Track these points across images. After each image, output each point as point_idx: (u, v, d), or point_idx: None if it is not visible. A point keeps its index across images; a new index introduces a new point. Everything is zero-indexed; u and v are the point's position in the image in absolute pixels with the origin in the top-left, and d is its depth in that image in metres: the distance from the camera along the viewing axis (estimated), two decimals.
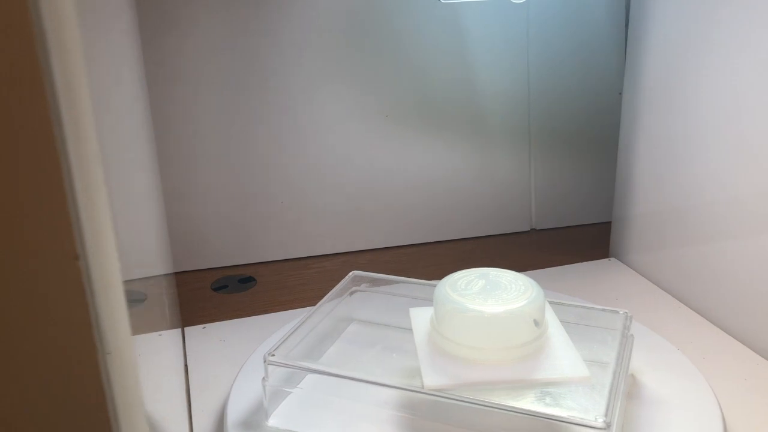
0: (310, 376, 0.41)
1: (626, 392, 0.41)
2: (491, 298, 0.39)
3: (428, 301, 0.43)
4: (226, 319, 0.57)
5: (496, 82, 0.70)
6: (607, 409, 0.34)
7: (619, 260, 0.67)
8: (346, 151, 0.68)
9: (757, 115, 0.49)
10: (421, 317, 0.42)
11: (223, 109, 0.63)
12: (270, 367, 0.39)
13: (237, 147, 0.65)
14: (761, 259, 0.50)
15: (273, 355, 0.39)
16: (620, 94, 0.67)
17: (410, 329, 0.42)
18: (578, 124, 0.74)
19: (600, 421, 0.33)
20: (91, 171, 0.16)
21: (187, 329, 0.55)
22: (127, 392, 0.17)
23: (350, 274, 0.50)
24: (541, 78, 0.71)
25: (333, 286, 0.48)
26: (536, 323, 0.38)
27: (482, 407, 0.35)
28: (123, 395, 0.17)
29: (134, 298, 0.53)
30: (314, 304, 0.46)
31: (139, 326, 0.53)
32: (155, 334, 0.54)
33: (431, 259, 0.70)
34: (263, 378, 0.40)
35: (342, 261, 0.68)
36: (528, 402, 0.36)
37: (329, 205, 0.68)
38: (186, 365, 0.51)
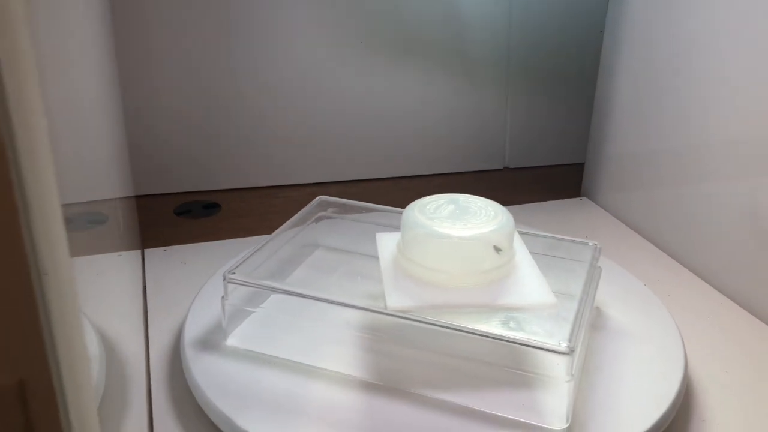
0: (272, 297, 0.40)
1: (591, 323, 0.41)
2: (459, 222, 0.38)
3: (396, 228, 0.42)
4: (189, 243, 0.55)
5: (476, 14, 0.68)
6: (571, 335, 0.33)
7: (591, 200, 0.67)
8: (317, 79, 0.65)
9: (740, 55, 0.48)
10: (387, 241, 0.41)
11: (188, 32, 0.60)
12: (230, 286, 0.38)
13: (205, 71, 0.62)
14: (732, 202, 0.50)
15: (233, 273, 0.38)
16: (601, 32, 0.65)
17: (377, 257, 0.41)
18: (558, 62, 0.72)
19: (563, 346, 0.32)
20: (25, 75, 0.14)
21: (147, 251, 0.54)
22: (64, 315, 0.15)
23: (317, 198, 0.48)
24: (522, 13, 0.69)
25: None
26: (497, 249, 0.37)
27: (445, 330, 0.34)
28: (60, 317, 0.15)
29: (94, 219, 0.51)
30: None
31: (97, 246, 0.52)
32: (114, 254, 0.52)
33: (401, 193, 0.68)
34: (222, 297, 0.38)
35: (310, 192, 0.67)
36: (492, 326, 0.35)
37: (298, 134, 0.66)
38: (144, 286, 0.49)
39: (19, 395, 0.14)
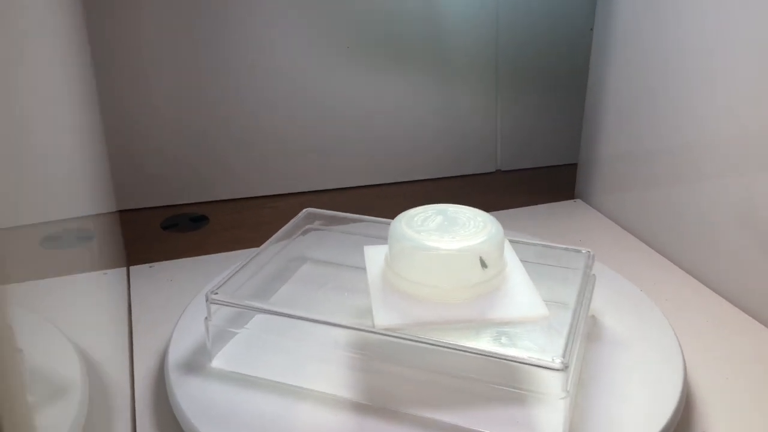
0: (257, 317, 0.39)
1: (586, 333, 0.40)
2: (447, 234, 0.37)
3: (385, 239, 0.41)
4: (175, 258, 0.54)
5: (463, 16, 0.67)
6: (566, 350, 0.32)
7: (585, 201, 0.66)
8: (304, 86, 0.64)
9: (731, 53, 0.47)
10: (375, 255, 0.40)
11: (172, 39, 0.59)
12: (213, 306, 0.37)
13: (190, 80, 0.61)
14: (727, 202, 0.48)
15: (216, 293, 0.37)
16: (591, 29, 0.64)
17: (365, 268, 0.40)
18: (547, 62, 0.71)
19: (557, 362, 0.31)
20: None
21: (132, 268, 0.53)
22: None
23: (303, 211, 0.47)
24: (509, 13, 0.68)
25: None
26: (483, 263, 0.36)
27: (435, 347, 0.33)
28: None
29: (83, 236, 0.50)
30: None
31: (83, 264, 0.50)
32: (100, 272, 0.51)
33: (392, 200, 0.67)
34: (206, 318, 0.37)
35: (299, 201, 0.66)
36: (483, 342, 0.34)
37: (286, 142, 0.65)
38: (129, 305, 0.48)
39: None
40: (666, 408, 0.35)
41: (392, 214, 0.40)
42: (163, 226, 0.60)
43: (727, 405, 0.38)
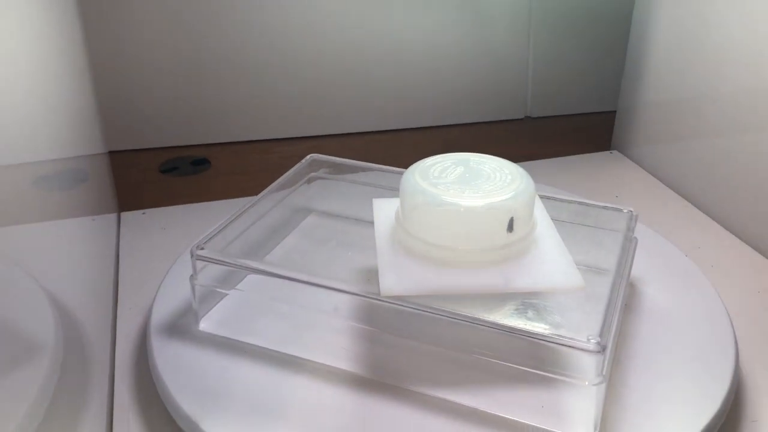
0: (250, 276, 0.34)
1: (624, 305, 0.35)
2: (469, 188, 0.31)
3: (398, 191, 0.36)
4: (172, 205, 0.50)
5: None
6: (603, 329, 0.27)
7: (623, 153, 0.60)
8: (314, 19, 0.58)
9: None
10: (385, 209, 0.35)
11: None
12: (199, 263, 0.33)
13: (191, 14, 0.55)
14: None
15: (202, 249, 0.33)
16: None
17: (373, 223, 0.35)
18: (581, 7, 0.65)
19: (593, 343, 0.26)
20: None
21: (123, 214, 0.48)
22: None
23: (308, 156, 0.42)
24: None
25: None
26: (510, 224, 0.31)
27: (449, 320, 0.28)
28: None
29: (77, 177, 0.46)
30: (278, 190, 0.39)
31: (73, 208, 0.46)
32: (87, 218, 0.47)
33: (409, 147, 0.62)
34: (191, 276, 0.33)
35: (309, 146, 0.60)
36: (505, 315, 0.29)
37: (295, 81, 0.60)
38: (117, 256, 0.44)
39: None
40: (715, 394, 0.30)
41: (407, 164, 0.35)
42: (162, 169, 0.56)
43: None
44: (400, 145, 0.62)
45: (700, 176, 0.51)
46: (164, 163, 0.56)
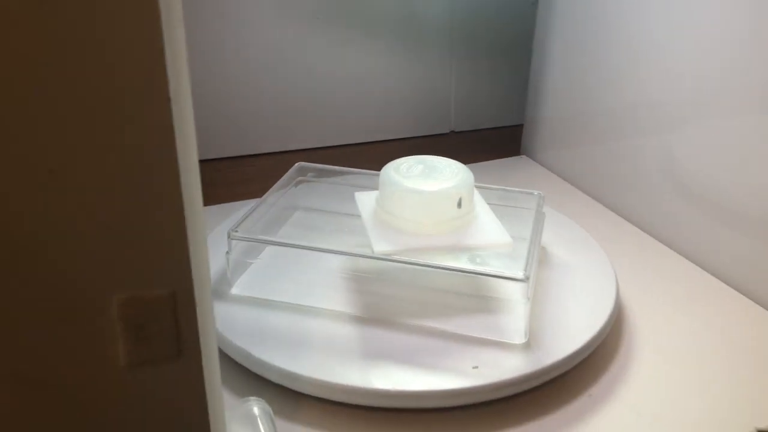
0: (267, 250, 0.46)
1: (539, 260, 0.49)
2: (429, 178, 0.45)
3: (368, 188, 0.49)
4: None
5: None
6: (526, 266, 0.41)
7: (530, 157, 0.75)
8: (277, 52, 0.70)
9: (662, 20, 0.56)
10: (366, 199, 0.48)
11: None
12: (233, 242, 0.44)
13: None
14: (654, 155, 0.58)
15: (236, 231, 0.44)
16: (533, 3, 0.72)
17: (355, 215, 0.47)
18: (497, 31, 0.79)
19: (520, 274, 0.40)
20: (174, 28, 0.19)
21: None
22: (198, 245, 0.21)
23: (296, 164, 0.54)
24: None
25: (273, 183, 0.52)
26: (459, 203, 0.44)
27: (423, 268, 0.41)
28: (196, 248, 0.21)
29: None
30: (258, 197, 0.50)
31: None
32: None
33: (359, 156, 0.75)
34: (227, 252, 0.44)
35: (276, 160, 0.72)
36: (462, 262, 0.42)
37: (258, 105, 0.71)
38: None
39: (170, 304, 0.21)
40: (602, 315, 0.44)
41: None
42: None
43: (650, 316, 0.48)
44: (351, 156, 0.74)
45: (593, 173, 0.66)
46: None
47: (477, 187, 0.50)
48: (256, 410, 0.36)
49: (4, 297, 0.19)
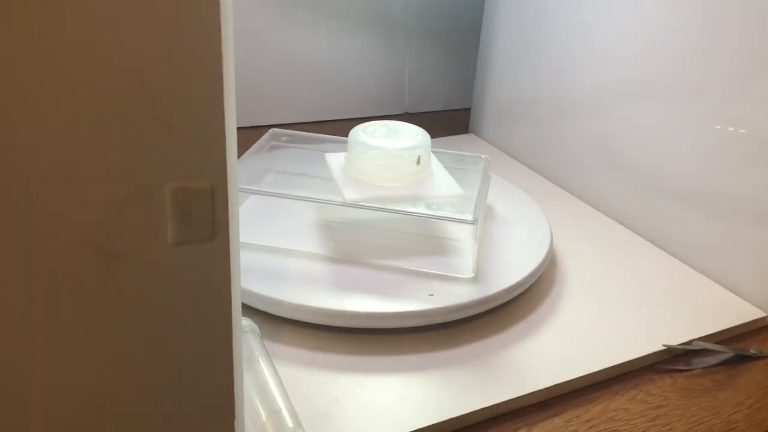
0: (247, 202, 0.52)
1: (485, 214, 0.56)
2: (392, 139, 0.51)
3: (336, 151, 0.55)
4: None
5: None
6: (475, 210, 0.48)
7: (477, 135, 0.82)
8: (244, 34, 0.76)
9: (594, 15, 0.64)
10: (335, 159, 0.54)
11: None
12: None
13: None
14: (586, 134, 0.66)
15: None
16: None
17: (325, 177, 0.54)
18: (450, 20, 0.87)
19: (470, 217, 0.47)
20: None
21: None
22: (231, 148, 0.27)
23: (270, 131, 0.60)
24: None
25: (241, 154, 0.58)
26: (418, 161, 0.51)
27: (387, 213, 0.48)
28: (231, 149, 0.27)
29: None
30: None
31: None
32: None
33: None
34: None
35: (241, 135, 0.78)
36: (420, 208, 0.49)
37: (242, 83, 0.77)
38: None
39: (210, 195, 0.27)
40: (538, 255, 0.52)
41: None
42: None
43: (578, 259, 0.56)
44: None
45: (532, 148, 0.74)
46: None
47: (433, 151, 0.57)
48: (245, 325, 0.42)
49: (85, 182, 0.25)
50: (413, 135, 0.52)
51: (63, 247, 0.25)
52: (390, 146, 0.51)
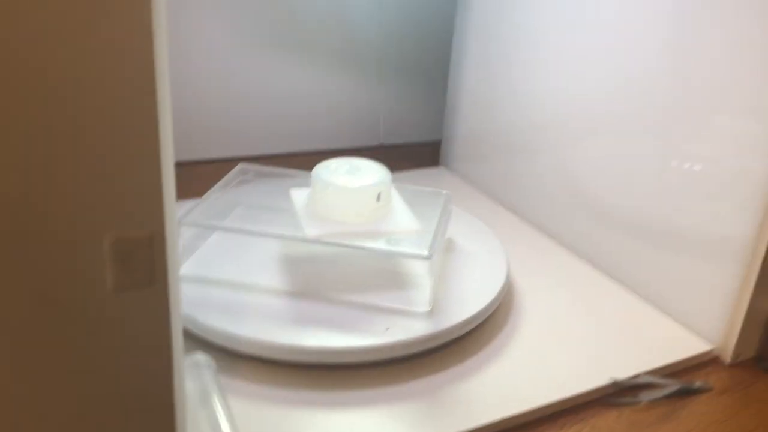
0: (212, 237, 0.54)
1: (445, 248, 0.58)
2: (354, 177, 0.53)
3: (301, 187, 0.57)
4: None
5: (352, 21, 0.83)
6: (431, 247, 0.49)
7: (447, 168, 0.84)
8: (222, 72, 0.78)
9: (556, 53, 0.66)
10: (299, 194, 0.56)
11: None
12: (183, 228, 0.51)
13: None
14: (551, 167, 0.68)
15: (187, 218, 0.51)
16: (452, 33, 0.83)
17: (290, 211, 0.55)
18: (423, 56, 0.89)
19: (425, 252, 0.48)
20: None
21: None
22: (170, 198, 0.29)
23: (238, 165, 0.62)
24: (389, 17, 0.85)
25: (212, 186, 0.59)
26: (378, 198, 0.53)
27: (347, 249, 0.49)
28: (169, 200, 0.29)
29: None
30: (200, 196, 0.57)
31: None
32: None
33: (296, 164, 0.82)
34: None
35: (216, 167, 0.79)
36: (379, 244, 0.51)
37: (207, 115, 0.79)
38: None
39: (149, 243, 0.28)
40: (494, 289, 0.53)
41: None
42: None
43: (535, 294, 0.57)
44: (289, 165, 0.82)
45: (498, 181, 0.76)
46: None
47: (396, 187, 0.59)
48: (201, 360, 0.43)
49: (25, 236, 0.26)
50: (374, 172, 0.54)
51: (5, 294, 0.27)
52: (350, 184, 0.52)
